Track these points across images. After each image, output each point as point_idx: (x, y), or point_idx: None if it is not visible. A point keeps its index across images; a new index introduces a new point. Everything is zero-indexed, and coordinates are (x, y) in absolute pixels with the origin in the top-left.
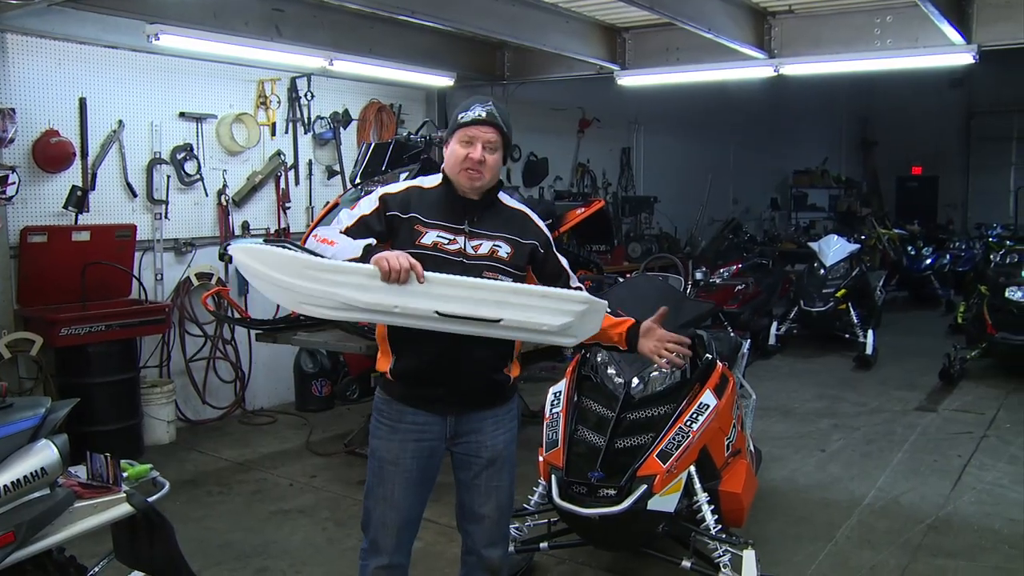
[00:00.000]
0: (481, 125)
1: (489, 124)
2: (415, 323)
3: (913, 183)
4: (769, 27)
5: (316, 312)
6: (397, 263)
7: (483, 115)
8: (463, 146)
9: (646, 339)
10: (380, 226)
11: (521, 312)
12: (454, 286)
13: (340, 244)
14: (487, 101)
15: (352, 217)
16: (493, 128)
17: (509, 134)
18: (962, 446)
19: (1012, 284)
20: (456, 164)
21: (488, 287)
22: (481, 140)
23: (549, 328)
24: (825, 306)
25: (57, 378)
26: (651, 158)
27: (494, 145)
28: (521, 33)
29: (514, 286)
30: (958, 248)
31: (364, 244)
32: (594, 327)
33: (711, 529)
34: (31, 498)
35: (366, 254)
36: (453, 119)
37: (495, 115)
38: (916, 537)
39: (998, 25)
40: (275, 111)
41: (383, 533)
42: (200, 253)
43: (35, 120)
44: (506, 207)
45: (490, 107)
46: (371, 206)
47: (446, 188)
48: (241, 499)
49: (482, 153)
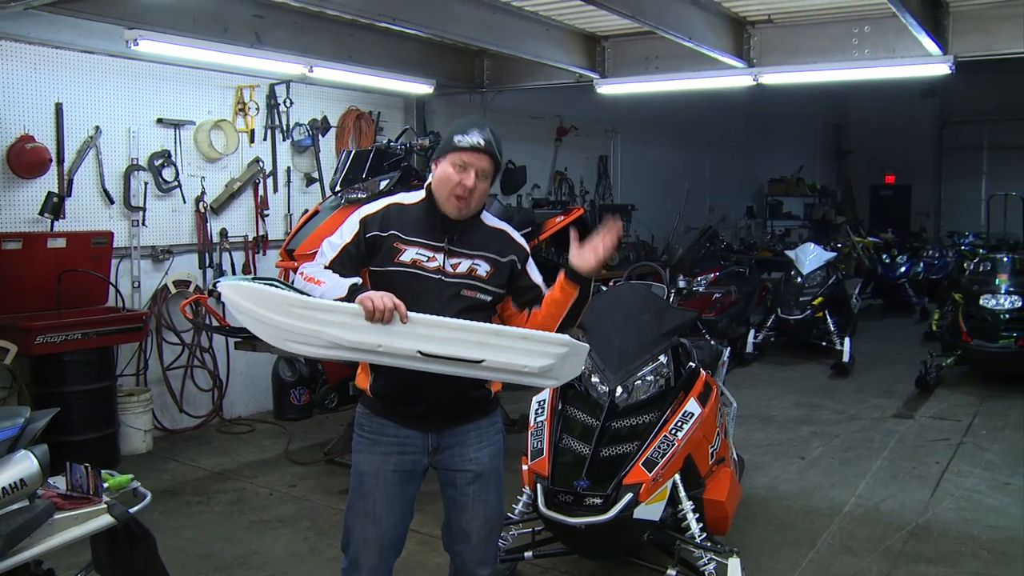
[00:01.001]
0: (478, 153)
1: (486, 153)
2: (399, 362)
3: (887, 191)
4: (748, 36)
5: (301, 350)
6: (381, 303)
7: (481, 144)
8: (456, 171)
9: (580, 259)
10: (361, 252)
11: (502, 354)
12: (437, 327)
13: (327, 284)
14: (484, 127)
15: (335, 248)
16: (489, 157)
17: (501, 162)
18: (940, 453)
19: (986, 292)
20: (446, 188)
21: (470, 328)
22: (475, 168)
23: (530, 370)
24: (802, 314)
25: (32, 387)
26: (628, 166)
27: (486, 173)
28: (501, 41)
29: (496, 328)
30: (931, 256)
31: (350, 284)
32: (575, 370)
33: (696, 537)
34: (10, 510)
35: (351, 294)
36: (448, 139)
37: (492, 144)
38: (897, 544)
39: (973, 37)
40: (254, 118)
41: (364, 551)
42: (178, 260)
43: (10, 125)
44: (487, 226)
45: (488, 135)
46: (351, 231)
47: (428, 205)
48: (221, 509)
49: (474, 181)
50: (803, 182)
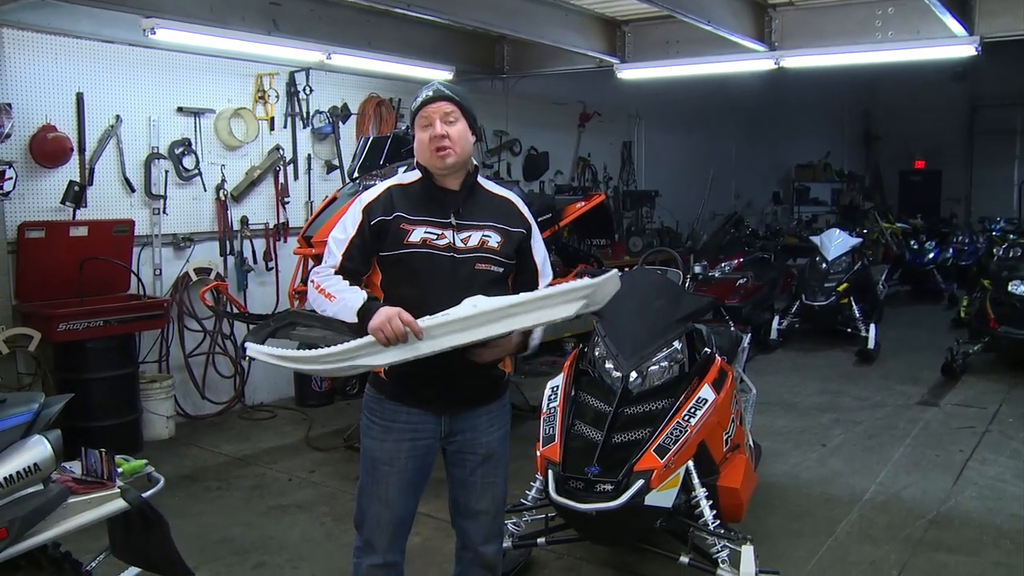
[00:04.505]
0: (432, 103)
1: (440, 99)
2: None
3: (916, 177)
4: (769, 19)
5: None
6: (392, 331)
7: (431, 94)
8: (423, 129)
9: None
10: (368, 241)
11: (528, 318)
12: (454, 325)
13: (337, 302)
14: (432, 84)
15: (341, 244)
16: (445, 100)
17: (466, 104)
18: (964, 441)
19: (1015, 278)
20: (424, 149)
21: (485, 313)
22: (437, 115)
23: (566, 317)
24: (827, 300)
25: (56, 374)
26: (652, 152)
27: (453, 116)
28: (520, 26)
29: (511, 301)
30: (961, 242)
31: (359, 308)
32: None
33: (709, 524)
34: (24, 494)
35: (362, 320)
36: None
37: (443, 89)
38: (917, 532)
39: (1001, 17)
40: (273, 105)
41: (377, 532)
42: (199, 248)
43: (32, 115)
44: (489, 193)
45: (436, 86)
46: (355, 223)
47: (425, 182)
48: (240, 494)
49: (442, 127)
50: (830, 168)
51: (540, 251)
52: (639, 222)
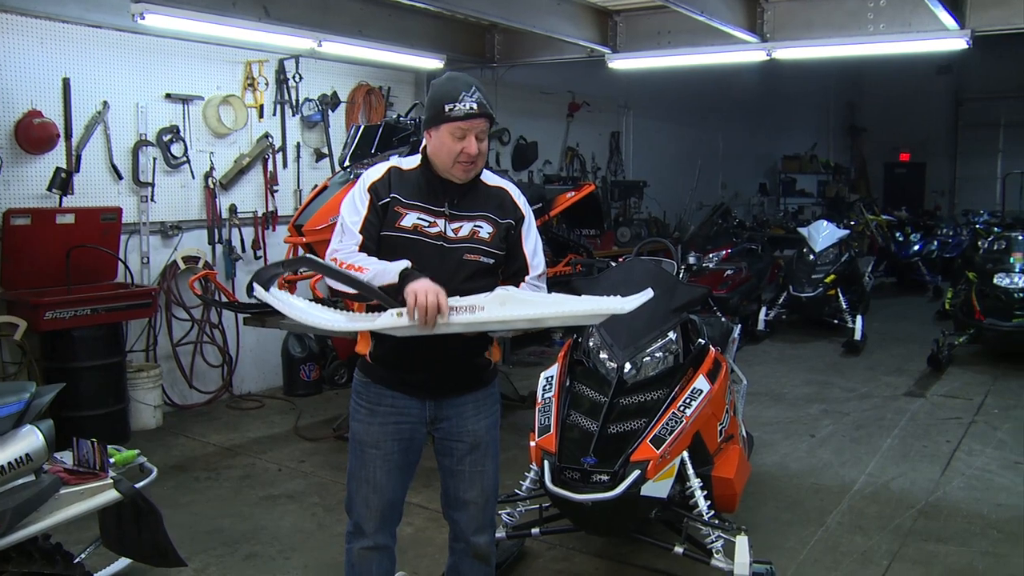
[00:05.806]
0: (475, 118)
1: (482, 116)
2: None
3: (901, 169)
4: (761, 11)
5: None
6: (425, 302)
7: (475, 108)
8: (456, 141)
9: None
10: (380, 219)
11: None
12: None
13: (372, 269)
14: (472, 88)
15: (356, 224)
16: (484, 119)
17: (495, 116)
18: (951, 431)
19: (1000, 271)
20: (449, 158)
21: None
22: (474, 132)
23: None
24: (814, 291)
25: (42, 363)
26: (640, 143)
27: (485, 133)
28: (511, 15)
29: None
30: (945, 234)
31: (400, 269)
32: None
33: (704, 515)
34: (15, 484)
35: (403, 280)
36: (438, 106)
37: (486, 105)
38: (906, 522)
39: (992, 10)
40: (263, 93)
41: (366, 515)
42: (187, 236)
43: (17, 100)
44: (487, 185)
45: (479, 96)
46: (365, 202)
47: (425, 170)
48: (229, 484)
49: (476, 145)
50: (817, 159)
51: (531, 242)
52: (627, 212)
